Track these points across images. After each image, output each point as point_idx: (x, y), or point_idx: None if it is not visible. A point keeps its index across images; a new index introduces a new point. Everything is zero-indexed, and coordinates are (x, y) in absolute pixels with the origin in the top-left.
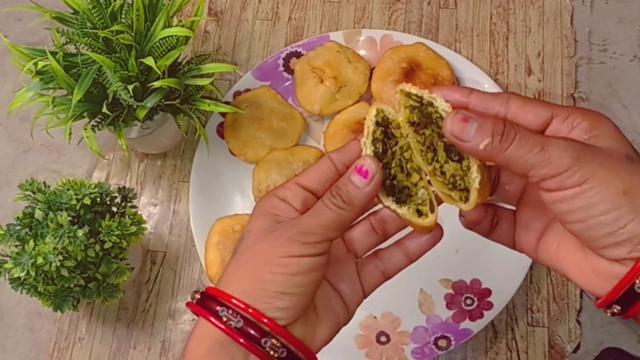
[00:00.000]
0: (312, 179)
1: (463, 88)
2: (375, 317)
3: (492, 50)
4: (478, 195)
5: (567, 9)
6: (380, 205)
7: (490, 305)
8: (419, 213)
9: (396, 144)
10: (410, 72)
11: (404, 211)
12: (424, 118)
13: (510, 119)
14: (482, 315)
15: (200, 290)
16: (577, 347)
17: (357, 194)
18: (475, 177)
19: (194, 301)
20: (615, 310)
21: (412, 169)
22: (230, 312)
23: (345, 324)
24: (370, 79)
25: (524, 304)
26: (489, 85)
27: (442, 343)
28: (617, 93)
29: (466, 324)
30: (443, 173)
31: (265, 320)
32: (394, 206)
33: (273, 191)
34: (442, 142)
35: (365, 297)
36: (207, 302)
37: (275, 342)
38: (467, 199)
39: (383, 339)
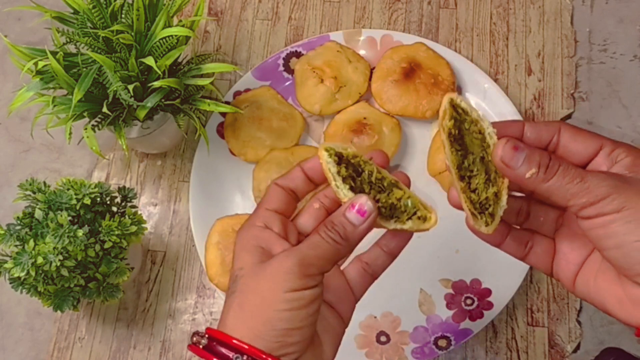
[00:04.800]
0: (275, 202)
1: (513, 122)
2: (375, 317)
3: (492, 50)
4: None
5: (567, 8)
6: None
7: (490, 305)
8: (421, 218)
9: (362, 171)
10: (410, 72)
11: (410, 226)
12: (460, 134)
13: (562, 147)
14: (482, 315)
15: (203, 334)
16: (577, 347)
17: (353, 231)
18: (503, 206)
19: (200, 346)
20: None
21: (389, 185)
22: (245, 358)
23: (344, 333)
24: (370, 79)
25: (524, 304)
26: (489, 85)
27: (442, 343)
28: (617, 93)
29: (466, 324)
30: (473, 192)
31: None
32: (399, 226)
33: (249, 222)
34: (483, 164)
35: (357, 301)
36: (216, 348)
37: None
38: (488, 223)
39: (383, 338)
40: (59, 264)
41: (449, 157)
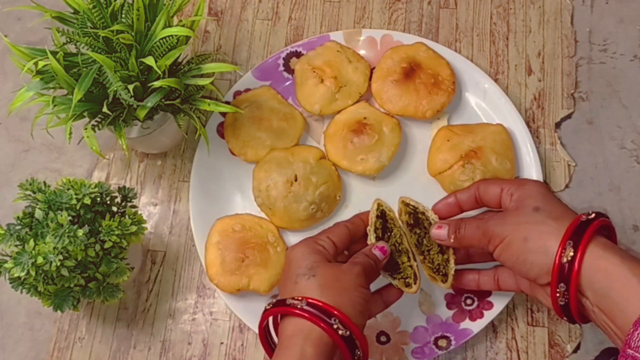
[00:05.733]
0: (337, 237)
1: (448, 196)
2: (375, 317)
3: (492, 50)
4: (453, 279)
5: (568, 8)
6: None
7: (490, 305)
8: (407, 284)
9: (391, 231)
10: (410, 72)
11: (396, 283)
12: (416, 221)
13: (482, 196)
14: (482, 315)
15: (300, 298)
16: (577, 347)
17: (377, 261)
18: (452, 267)
19: (299, 307)
20: (566, 319)
21: (403, 250)
22: (339, 322)
23: None
24: (370, 79)
25: (524, 304)
26: (489, 85)
27: (442, 343)
28: (617, 93)
29: (466, 324)
30: (431, 261)
31: (358, 335)
32: (389, 279)
33: (312, 238)
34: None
35: (370, 317)
36: (316, 311)
37: (361, 354)
38: (444, 281)
39: (383, 338)
40: (59, 263)
41: (409, 240)
